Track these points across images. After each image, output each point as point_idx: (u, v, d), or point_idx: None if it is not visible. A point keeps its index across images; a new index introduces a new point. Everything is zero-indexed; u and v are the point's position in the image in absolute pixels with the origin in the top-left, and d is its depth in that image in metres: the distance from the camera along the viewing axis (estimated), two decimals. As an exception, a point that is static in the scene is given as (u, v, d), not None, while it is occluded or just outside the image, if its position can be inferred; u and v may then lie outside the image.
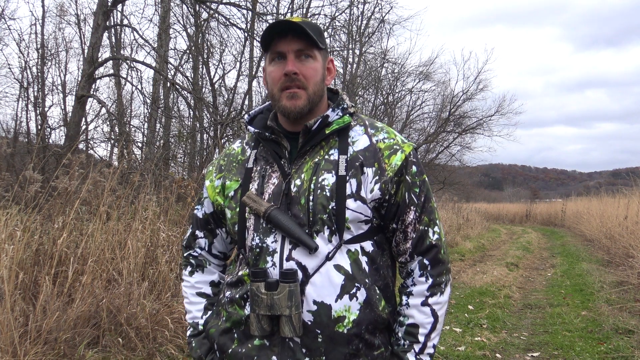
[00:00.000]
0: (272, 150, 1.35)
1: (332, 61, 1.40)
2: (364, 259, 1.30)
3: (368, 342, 1.29)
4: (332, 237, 1.27)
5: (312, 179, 1.29)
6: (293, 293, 1.23)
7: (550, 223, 23.62)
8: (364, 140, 1.34)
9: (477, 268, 9.19)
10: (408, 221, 1.33)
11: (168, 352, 3.75)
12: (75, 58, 19.33)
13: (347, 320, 1.26)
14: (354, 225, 1.28)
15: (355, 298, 1.26)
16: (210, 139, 9.52)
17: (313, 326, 1.25)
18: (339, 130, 1.34)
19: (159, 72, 9.13)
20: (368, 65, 15.56)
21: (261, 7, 9.84)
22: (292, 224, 1.26)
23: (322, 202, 1.26)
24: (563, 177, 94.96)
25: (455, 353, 4.33)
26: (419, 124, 19.55)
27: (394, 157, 1.31)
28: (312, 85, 1.31)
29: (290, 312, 1.23)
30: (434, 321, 1.32)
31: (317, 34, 1.30)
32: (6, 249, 3.41)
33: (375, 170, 1.30)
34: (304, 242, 1.25)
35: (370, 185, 1.29)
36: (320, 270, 1.26)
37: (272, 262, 1.28)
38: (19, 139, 8.77)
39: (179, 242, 4.90)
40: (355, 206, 1.27)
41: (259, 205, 1.29)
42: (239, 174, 1.40)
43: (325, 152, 1.33)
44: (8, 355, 3.07)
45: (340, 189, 1.26)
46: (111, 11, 8.24)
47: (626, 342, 4.52)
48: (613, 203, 12.12)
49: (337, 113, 1.35)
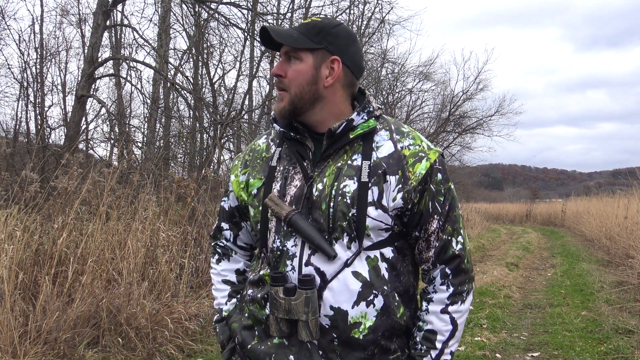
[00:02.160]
0: (296, 150, 1.34)
1: (337, 61, 1.29)
2: (384, 265, 1.29)
3: (384, 347, 1.29)
4: (351, 243, 1.27)
5: (333, 185, 1.27)
6: (310, 300, 1.24)
7: (550, 223, 23.61)
8: (389, 146, 1.31)
9: (477, 268, 9.19)
10: (431, 230, 1.31)
11: (168, 352, 3.75)
12: (75, 58, 19.32)
13: (363, 327, 1.26)
14: (374, 232, 1.28)
15: (372, 305, 1.27)
16: (210, 139, 9.52)
17: (330, 330, 1.27)
18: (363, 135, 1.31)
19: (159, 72, 9.13)
20: (368, 65, 15.56)
21: (261, 7, 9.85)
22: (312, 230, 1.26)
23: (342, 209, 1.25)
24: (563, 177, 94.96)
25: (455, 353, 4.33)
26: (419, 124, 19.55)
27: (418, 165, 1.28)
28: (294, 87, 1.29)
29: (307, 317, 1.24)
30: (452, 329, 1.32)
31: (309, 34, 1.28)
32: (6, 249, 3.41)
33: (399, 178, 1.27)
34: (322, 249, 1.25)
35: (393, 194, 1.26)
36: (338, 276, 1.26)
37: (292, 266, 1.30)
38: (19, 139, 8.77)
39: (178, 242, 4.91)
40: (376, 214, 1.26)
41: (280, 208, 1.29)
42: (262, 172, 1.39)
43: (348, 156, 1.30)
44: (8, 355, 3.07)
45: (362, 196, 1.25)
46: (111, 11, 8.24)
47: (626, 342, 4.51)
48: (613, 203, 12.12)
49: (362, 117, 1.31)
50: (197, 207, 5.51)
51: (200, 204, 5.59)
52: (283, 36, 1.29)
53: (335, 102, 1.33)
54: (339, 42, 1.30)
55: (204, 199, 5.67)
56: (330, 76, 1.30)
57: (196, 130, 10.43)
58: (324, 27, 1.30)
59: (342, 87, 1.33)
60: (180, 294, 4.53)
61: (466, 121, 19.14)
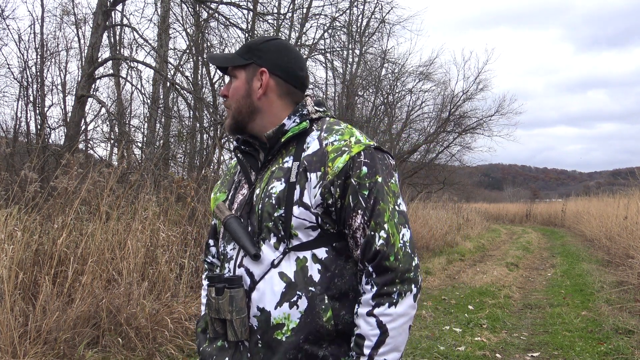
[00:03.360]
0: (243, 162, 1.43)
1: (264, 72, 1.36)
2: (316, 266, 1.27)
3: (309, 352, 1.25)
4: (279, 244, 1.29)
5: (264, 188, 1.32)
6: (234, 299, 1.27)
7: (550, 223, 23.62)
8: (315, 145, 1.32)
9: (477, 268, 9.19)
10: (355, 226, 1.26)
11: (168, 352, 3.75)
12: (75, 58, 19.27)
13: (286, 328, 1.26)
14: (301, 231, 1.27)
15: (296, 306, 1.25)
16: (210, 139, 9.52)
17: (256, 331, 1.30)
18: (297, 137, 1.35)
19: (159, 72, 9.13)
20: (368, 65, 15.55)
21: (262, 7, 9.84)
22: (241, 232, 1.32)
23: (268, 210, 1.28)
24: (563, 177, 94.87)
25: (455, 353, 4.33)
26: (419, 124, 19.54)
27: (338, 160, 1.27)
28: (234, 103, 1.39)
29: (231, 316, 1.27)
30: (380, 333, 1.22)
31: (241, 52, 1.39)
32: (6, 249, 3.41)
33: (320, 175, 1.27)
34: (246, 249, 1.30)
35: (314, 191, 1.26)
36: (265, 277, 1.29)
37: (229, 268, 1.36)
38: (19, 139, 8.75)
39: (178, 242, 4.91)
40: (298, 212, 1.26)
41: (222, 214, 1.37)
42: (228, 186, 1.49)
43: (282, 159, 1.35)
44: (8, 355, 3.07)
45: (289, 196, 1.27)
46: (111, 11, 8.24)
47: (626, 342, 4.52)
48: (613, 203, 12.11)
49: (293, 120, 1.35)
50: (197, 207, 5.51)
51: (200, 204, 5.59)
52: (218, 59, 1.45)
53: (272, 112, 1.39)
54: (267, 55, 1.38)
55: (204, 199, 5.67)
56: (260, 87, 1.37)
57: (196, 130, 10.43)
58: (254, 44, 1.40)
59: (278, 96, 1.39)
60: (180, 294, 4.53)
61: (466, 121, 19.10)
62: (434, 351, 4.36)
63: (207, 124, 9.83)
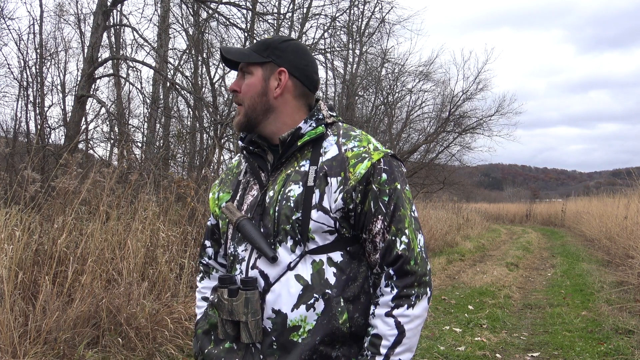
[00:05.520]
0: (254, 163, 1.41)
1: (284, 72, 1.36)
2: (332, 269, 1.29)
3: (323, 353, 1.27)
4: (295, 247, 1.29)
5: (280, 190, 1.32)
6: (249, 301, 1.27)
7: (550, 223, 23.63)
8: (333, 150, 1.33)
9: (477, 268, 9.19)
10: (375, 231, 1.29)
11: (168, 352, 3.74)
12: (74, 58, 19.29)
13: (302, 330, 1.27)
14: (318, 235, 1.29)
15: (313, 309, 1.27)
16: (210, 139, 9.52)
17: (271, 333, 1.29)
18: (313, 142, 1.35)
19: (159, 72, 9.12)
20: (368, 65, 15.56)
21: (261, 7, 9.84)
22: (256, 234, 1.31)
23: (286, 213, 1.29)
24: (563, 177, 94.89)
25: (455, 353, 4.33)
26: (418, 124, 19.55)
27: (359, 166, 1.29)
28: (247, 100, 1.37)
29: (246, 318, 1.27)
30: (398, 334, 1.26)
31: (258, 49, 1.37)
32: (6, 249, 3.41)
33: (341, 180, 1.28)
34: (263, 251, 1.29)
35: (335, 195, 1.28)
36: (281, 279, 1.29)
37: (240, 269, 1.35)
38: (19, 139, 8.75)
39: (178, 242, 4.91)
40: (317, 216, 1.27)
41: (232, 215, 1.36)
42: (231, 186, 1.48)
43: (298, 163, 1.35)
44: (8, 355, 3.07)
45: (307, 200, 1.28)
46: (111, 11, 8.24)
47: (626, 342, 4.52)
48: (613, 203, 12.12)
49: (310, 124, 1.36)
50: (197, 207, 5.51)
51: (200, 204, 5.59)
52: (234, 53, 1.39)
53: (287, 112, 1.39)
54: (286, 55, 1.37)
55: (203, 199, 5.67)
56: (278, 87, 1.36)
57: (196, 130, 10.43)
58: (272, 42, 1.38)
59: (294, 97, 1.39)
60: (180, 294, 4.52)
61: (466, 121, 19.10)
62: (434, 351, 4.36)
63: (207, 123, 9.84)
